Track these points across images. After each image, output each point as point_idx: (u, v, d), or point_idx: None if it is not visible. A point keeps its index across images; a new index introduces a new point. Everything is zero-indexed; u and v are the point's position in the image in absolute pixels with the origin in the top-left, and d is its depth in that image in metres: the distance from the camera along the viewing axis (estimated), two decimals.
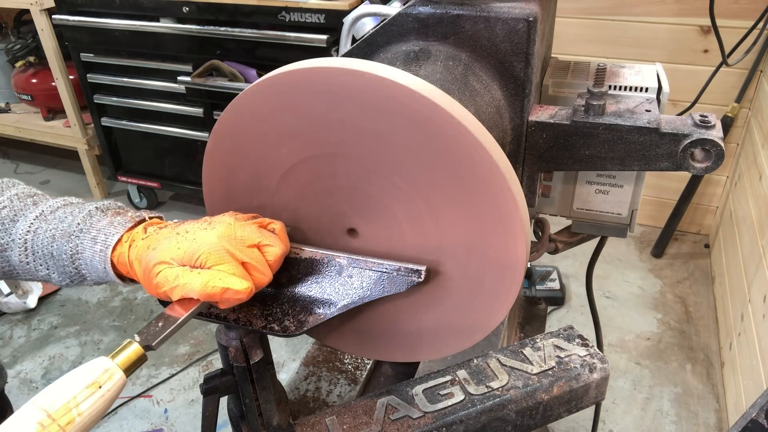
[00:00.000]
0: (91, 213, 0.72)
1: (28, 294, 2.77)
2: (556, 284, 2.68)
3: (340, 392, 1.09)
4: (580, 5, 2.78)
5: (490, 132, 0.67)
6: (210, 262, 0.63)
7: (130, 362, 0.60)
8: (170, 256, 0.64)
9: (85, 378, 0.56)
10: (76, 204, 0.75)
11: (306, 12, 2.37)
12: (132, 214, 0.72)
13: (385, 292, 0.72)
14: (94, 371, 0.57)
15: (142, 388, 2.36)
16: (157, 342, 0.61)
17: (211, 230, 0.66)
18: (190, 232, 0.66)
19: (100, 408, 0.56)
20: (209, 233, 0.65)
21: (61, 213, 0.73)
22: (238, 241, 0.65)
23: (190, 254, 0.63)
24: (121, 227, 0.70)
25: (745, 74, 2.64)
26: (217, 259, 0.63)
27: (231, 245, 0.64)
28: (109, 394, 0.57)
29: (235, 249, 0.64)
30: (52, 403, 0.54)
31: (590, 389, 0.79)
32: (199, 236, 0.65)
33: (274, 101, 0.70)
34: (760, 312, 1.95)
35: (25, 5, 2.93)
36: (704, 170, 0.91)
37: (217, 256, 0.63)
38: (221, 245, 0.64)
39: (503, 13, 0.87)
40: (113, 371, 0.58)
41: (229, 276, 0.63)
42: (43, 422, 0.53)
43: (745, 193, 2.49)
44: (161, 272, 0.64)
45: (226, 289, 0.62)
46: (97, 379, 0.56)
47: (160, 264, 0.64)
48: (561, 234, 1.22)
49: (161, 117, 2.95)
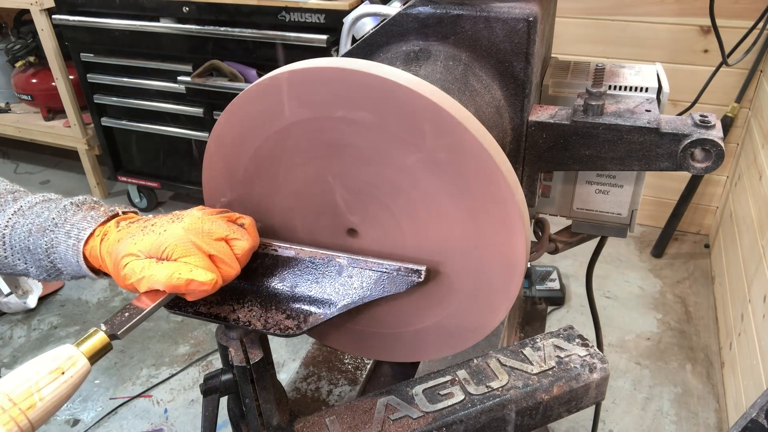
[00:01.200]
0: (66, 208, 0.73)
1: (28, 294, 2.77)
2: (556, 284, 2.68)
3: (340, 392, 1.09)
4: (580, 5, 2.78)
5: (490, 132, 0.68)
6: (176, 254, 0.64)
7: (94, 350, 0.61)
8: (138, 249, 0.65)
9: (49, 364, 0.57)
10: (54, 200, 0.77)
11: (306, 12, 2.36)
12: (105, 209, 0.74)
13: (385, 292, 0.72)
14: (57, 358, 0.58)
15: (142, 388, 2.36)
16: (122, 331, 0.63)
17: (178, 223, 0.67)
18: (158, 225, 0.68)
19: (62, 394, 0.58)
20: (176, 226, 0.66)
21: (39, 208, 0.74)
22: (205, 234, 0.66)
23: (156, 246, 0.65)
24: (93, 221, 0.71)
25: (745, 74, 2.64)
26: (183, 251, 0.65)
27: (197, 238, 0.66)
28: (72, 381, 0.58)
29: (201, 242, 0.65)
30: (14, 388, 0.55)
31: (590, 389, 0.79)
32: (166, 229, 0.66)
33: (274, 101, 0.70)
34: (760, 312, 1.95)
35: (25, 5, 2.93)
36: (704, 170, 0.91)
37: (183, 248, 0.65)
38: (187, 238, 0.65)
39: (503, 13, 0.87)
40: (77, 358, 0.59)
41: (194, 268, 0.64)
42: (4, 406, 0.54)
43: (745, 193, 2.49)
44: (128, 264, 0.65)
45: (191, 281, 0.63)
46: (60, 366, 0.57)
47: (127, 256, 0.66)
48: (561, 234, 1.22)
49: (161, 117, 2.95)
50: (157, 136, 3.01)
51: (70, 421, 2.25)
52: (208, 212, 0.71)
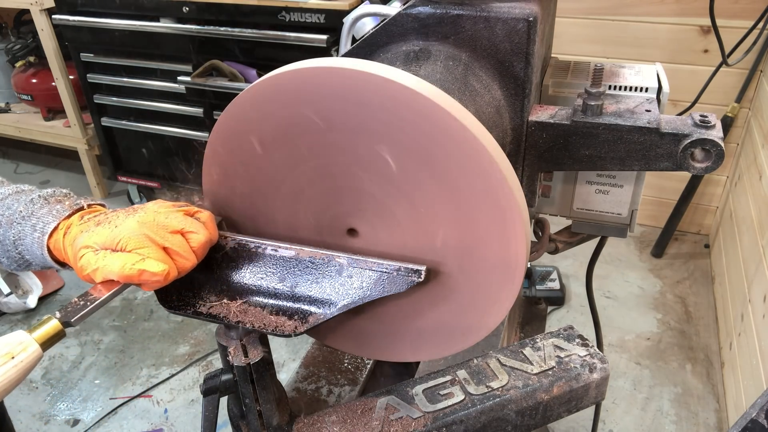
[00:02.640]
0: (34, 201, 0.76)
1: (28, 294, 2.77)
2: (556, 284, 2.68)
3: (340, 392, 1.09)
4: (580, 5, 2.78)
5: (490, 132, 0.67)
6: (130, 246, 0.66)
7: (47, 336, 0.62)
8: (93, 241, 0.68)
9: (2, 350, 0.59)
10: (26, 192, 0.79)
11: (306, 12, 2.36)
12: (71, 202, 0.76)
13: (385, 292, 0.71)
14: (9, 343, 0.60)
15: (142, 388, 2.36)
16: (76, 318, 0.64)
17: (134, 216, 0.69)
18: (115, 218, 0.70)
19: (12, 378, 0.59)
20: (131, 219, 0.69)
21: (10, 200, 0.77)
22: (160, 227, 0.68)
23: (111, 238, 0.67)
24: (57, 215, 0.74)
25: (745, 74, 2.64)
26: (137, 243, 0.66)
27: (151, 231, 0.67)
28: (23, 365, 0.60)
29: (155, 234, 0.67)
30: None
31: (590, 389, 0.79)
32: (122, 222, 0.69)
33: (274, 101, 0.70)
34: (760, 312, 1.95)
35: (25, 5, 2.93)
36: (704, 170, 0.91)
37: (137, 241, 0.66)
38: (141, 230, 0.67)
39: (503, 13, 0.87)
40: (28, 344, 0.60)
41: (146, 259, 0.66)
42: None
43: (745, 193, 2.49)
44: (84, 255, 0.68)
45: (143, 271, 0.65)
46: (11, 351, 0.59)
47: (84, 248, 0.68)
48: (561, 234, 1.22)
49: (161, 117, 2.95)
50: (157, 136, 3.01)
51: (70, 421, 2.25)
52: (166, 206, 0.73)
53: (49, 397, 2.35)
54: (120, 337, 2.62)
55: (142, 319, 2.71)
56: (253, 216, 0.81)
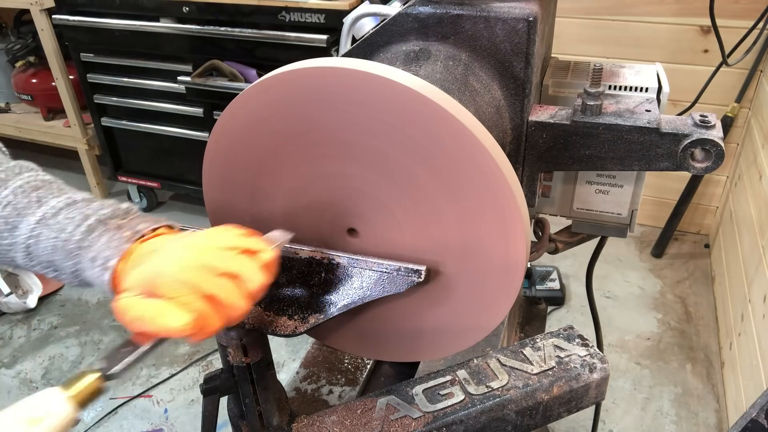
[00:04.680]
0: (91, 227, 0.67)
1: (28, 294, 2.77)
2: (556, 284, 2.68)
3: (340, 392, 1.09)
4: (580, 5, 2.78)
5: (490, 132, 0.68)
6: (169, 294, 0.58)
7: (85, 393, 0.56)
8: (132, 284, 0.61)
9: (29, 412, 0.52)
10: (80, 204, 0.70)
11: (306, 12, 2.36)
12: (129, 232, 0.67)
13: (385, 292, 0.72)
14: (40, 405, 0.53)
15: (142, 388, 2.36)
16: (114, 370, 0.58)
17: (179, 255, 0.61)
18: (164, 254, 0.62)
19: None
20: (175, 259, 0.60)
21: (63, 218, 0.68)
22: (207, 270, 0.59)
23: (151, 282, 0.59)
24: (117, 250, 0.65)
25: (745, 74, 2.64)
26: (175, 290, 0.58)
27: (195, 275, 0.59)
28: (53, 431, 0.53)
29: (200, 279, 0.59)
30: None
31: (590, 389, 0.79)
32: (165, 262, 0.61)
33: (273, 101, 0.70)
34: (760, 312, 1.95)
35: (25, 5, 2.93)
36: (704, 170, 0.91)
37: (176, 288, 0.58)
38: (182, 276, 0.58)
39: (503, 13, 0.87)
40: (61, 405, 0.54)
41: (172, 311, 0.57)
42: None
43: (745, 193, 2.49)
44: (119, 301, 0.60)
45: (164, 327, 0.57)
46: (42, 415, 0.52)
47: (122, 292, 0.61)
48: (561, 234, 1.22)
49: (161, 117, 2.95)
50: (157, 136, 3.01)
51: None
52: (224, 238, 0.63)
53: None
54: (120, 337, 2.62)
55: None
56: (253, 216, 0.81)
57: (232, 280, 0.60)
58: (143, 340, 0.60)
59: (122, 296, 0.60)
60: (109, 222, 0.68)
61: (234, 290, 0.60)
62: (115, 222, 0.68)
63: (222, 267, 0.60)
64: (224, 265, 0.60)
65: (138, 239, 0.66)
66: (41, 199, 0.70)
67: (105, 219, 0.68)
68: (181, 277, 0.58)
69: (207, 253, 0.60)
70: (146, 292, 0.59)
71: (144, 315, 0.57)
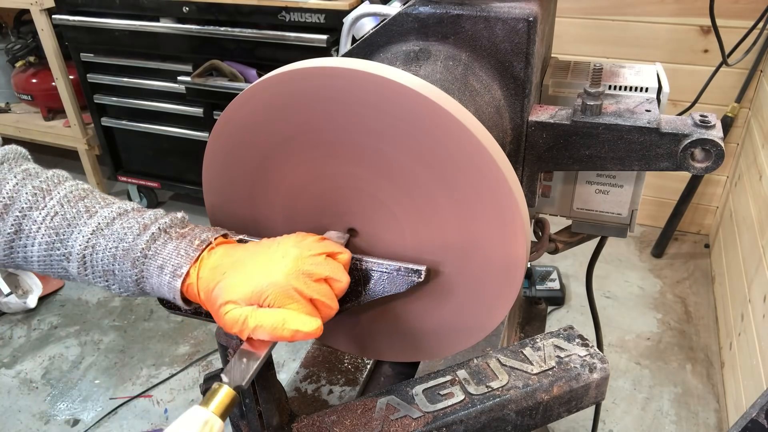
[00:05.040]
0: (155, 236, 0.68)
1: (28, 294, 2.77)
2: (556, 284, 2.68)
3: (340, 392, 1.09)
4: (580, 5, 2.78)
5: (490, 132, 0.68)
6: (278, 302, 0.62)
7: (224, 407, 0.59)
8: (237, 296, 0.63)
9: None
10: (132, 214, 0.71)
11: (306, 12, 2.37)
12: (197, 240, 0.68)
13: (385, 292, 0.72)
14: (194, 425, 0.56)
15: (142, 388, 2.36)
16: (246, 381, 0.61)
17: (277, 265, 0.64)
18: (256, 264, 0.65)
19: None
20: (275, 269, 0.64)
21: (119, 227, 0.69)
22: (306, 276, 0.64)
23: (257, 294, 0.62)
24: (187, 256, 0.67)
25: (745, 74, 2.64)
26: (285, 299, 0.62)
27: (298, 282, 0.63)
28: None
29: (302, 286, 0.63)
30: None
31: (590, 389, 0.79)
32: (265, 272, 0.64)
33: (273, 101, 0.70)
34: (760, 312, 1.95)
35: (25, 5, 2.93)
36: (704, 170, 0.91)
37: (285, 296, 0.62)
38: (289, 284, 0.63)
39: (503, 13, 0.87)
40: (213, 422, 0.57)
41: (297, 316, 0.62)
42: None
43: (745, 193, 2.49)
44: (229, 313, 0.63)
45: (296, 331, 0.62)
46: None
47: (227, 304, 0.63)
48: (561, 234, 1.22)
49: (161, 117, 2.95)
50: (157, 136, 3.01)
51: (70, 421, 2.25)
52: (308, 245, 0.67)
53: (49, 397, 2.35)
54: (120, 337, 2.62)
55: (142, 319, 2.71)
56: (253, 216, 0.81)
57: (327, 284, 0.66)
58: (260, 347, 0.63)
59: (229, 308, 0.63)
60: (170, 231, 0.69)
61: (330, 293, 0.66)
62: (176, 231, 0.70)
63: (317, 272, 0.65)
64: (319, 271, 0.65)
65: (205, 248, 0.68)
66: (89, 208, 0.71)
67: (166, 228, 0.69)
68: (287, 284, 0.63)
69: (304, 261, 0.65)
70: (252, 302, 0.63)
71: (273, 323, 0.61)
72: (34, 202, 0.69)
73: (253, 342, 0.64)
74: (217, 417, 0.57)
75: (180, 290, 0.66)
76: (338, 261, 0.68)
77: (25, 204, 0.69)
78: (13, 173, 0.71)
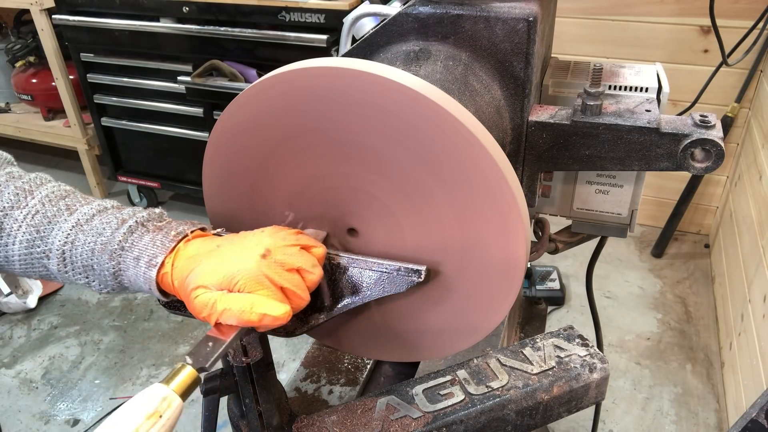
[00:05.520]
0: (132, 228, 0.69)
1: (28, 294, 2.77)
2: (556, 284, 2.68)
3: (340, 392, 1.09)
4: (580, 5, 2.78)
5: (490, 132, 0.68)
6: (248, 287, 0.63)
7: (185, 386, 0.59)
8: (208, 281, 0.64)
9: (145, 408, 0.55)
10: (111, 211, 0.72)
11: (306, 12, 2.37)
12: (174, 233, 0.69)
13: (385, 292, 0.72)
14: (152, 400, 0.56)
15: (142, 388, 2.35)
16: (210, 363, 0.61)
17: (250, 253, 0.65)
18: (229, 252, 0.66)
19: None
20: (248, 256, 0.64)
21: (98, 223, 0.70)
22: (278, 265, 0.65)
23: (228, 279, 0.63)
24: (163, 247, 0.68)
25: (745, 74, 2.64)
26: (255, 285, 0.63)
27: (269, 270, 0.64)
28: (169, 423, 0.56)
29: (273, 274, 0.64)
30: None
31: (590, 389, 0.79)
32: (237, 260, 0.64)
33: (273, 101, 0.70)
34: (760, 312, 1.95)
35: (25, 5, 2.93)
36: (704, 170, 0.91)
37: (255, 282, 0.63)
38: (260, 270, 0.63)
39: (503, 13, 0.87)
40: (171, 398, 0.57)
41: (266, 301, 0.63)
42: None
43: (745, 193, 2.49)
44: (199, 297, 0.64)
45: (264, 315, 0.62)
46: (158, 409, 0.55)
47: (198, 288, 0.64)
48: (561, 234, 1.22)
49: (161, 117, 2.95)
50: (157, 136, 3.01)
51: (70, 421, 2.25)
52: (283, 236, 0.68)
53: (49, 397, 2.35)
54: (120, 337, 2.62)
55: (142, 319, 2.71)
56: (253, 216, 0.81)
57: (299, 275, 0.66)
58: (227, 333, 0.64)
59: (199, 292, 0.63)
60: (147, 224, 0.71)
61: (301, 283, 0.66)
62: (154, 224, 0.71)
63: (290, 262, 0.66)
64: (291, 261, 0.66)
65: (181, 239, 0.69)
66: (70, 206, 0.72)
67: (143, 221, 0.71)
68: (260, 272, 0.63)
69: (277, 250, 0.66)
70: (223, 287, 0.63)
71: (241, 307, 0.62)
72: (16, 202, 0.71)
73: (221, 327, 0.64)
74: (177, 395, 0.57)
75: (155, 280, 0.67)
76: (312, 254, 0.69)
77: (7, 204, 0.71)
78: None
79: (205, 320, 0.64)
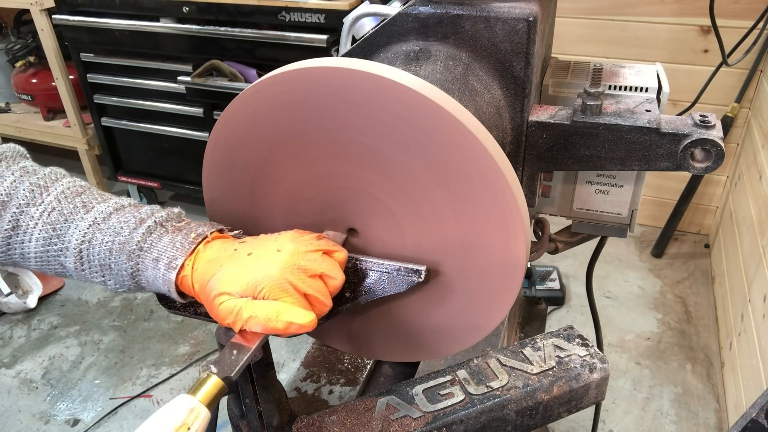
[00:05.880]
0: (150, 229, 0.68)
1: (28, 294, 2.77)
2: (556, 284, 2.68)
3: (340, 392, 1.09)
4: (580, 5, 2.78)
5: (490, 132, 0.68)
6: (272, 294, 0.62)
7: (211, 396, 0.58)
8: (232, 288, 0.63)
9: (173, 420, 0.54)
10: (129, 209, 0.71)
11: (306, 12, 2.37)
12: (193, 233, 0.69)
13: (385, 292, 0.72)
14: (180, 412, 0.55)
15: (142, 388, 2.36)
16: (235, 372, 0.60)
17: (273, 258, 0.64)
18: (252, 256, 0.65)
19: None
20: (271, 262, 0.64)
21: (115, 221, 0.69)
22: (301, 271, 0.64)
23: (252, 286, 0.63)
24: (183, 249, 0.67)
25: (745, 74, 2.64)
26: (280, 292, 0.63)
27: (293, 276, 0.63)
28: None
29: (297, 280, 0.63)
30: None
31: (590, 389, 0.79)
32: (261, 265, 0.64)
33: (273, 101, 0.70)
34: (760, 312, 1.95)
35: (25, 5, 2.93)
36: (704, 170, 0.91)
37: (280, 290, 0.63)
38: (284, 278, 0.63)
39: (503, 13, 0.87)
40: (199, 410, 0.56)
41: (292, 308, 0.62)
42: None
43: (745, 193, 2.49)
44: (223, 304, 0.63)
45: (290, 323, 0.62)
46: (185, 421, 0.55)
47: (221, 295, 0.63)
48: (561, 234, 1.22)
49: (161, 117, 2.95)
50: (157, 136, 3.01)
51: (70, 421, 2.25)
52: (305, 242, 0.67)
53: (49, 397, 2.35)
54: (120, 337, 2.62)
55: (142, 319, 2.71)
56: (253, 216, 0.81)
57: (321, 280, 0.66)
58: (252, 340, 0.63)
59: (223, 299, 0.63)
60: (166, 224, 0.70)
61: (324, 289, 0.66)
62: (173, 224, 0.70)
63: (313, 268, 0.65)
64: (314, 267, 0.65)
65: (201, 241, 0.68)
66: (86, 204, 0.71)
67: (162, 221, 0.70)
68: (282, 278, 0.63)
69: (299, 256, 0.65)
70: (247, 294, 0.63)
71: (267, 315, 0.61)
72: (32, 199, 0.70)
73: (245, 335, 0.63)
74: (204, 406, 0.57)
75: (174, 282, 0.67)
76: (334, 259, 0.68)
77: (23, 200, 0.70)
78: (10, 170, 0.71)
79: (229, 327, 0.64)
